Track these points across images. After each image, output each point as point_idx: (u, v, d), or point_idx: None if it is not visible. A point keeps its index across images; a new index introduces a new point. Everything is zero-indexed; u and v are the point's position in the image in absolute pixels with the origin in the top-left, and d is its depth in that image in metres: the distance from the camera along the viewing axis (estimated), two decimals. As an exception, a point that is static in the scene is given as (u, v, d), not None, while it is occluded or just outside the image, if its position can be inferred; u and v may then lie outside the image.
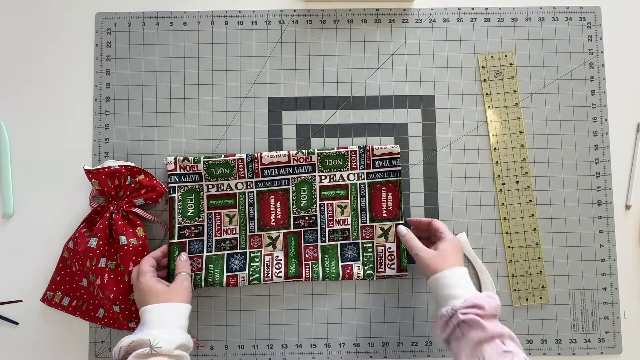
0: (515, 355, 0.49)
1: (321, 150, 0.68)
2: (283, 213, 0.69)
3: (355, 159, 0.68)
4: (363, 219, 0.69)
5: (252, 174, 0.68)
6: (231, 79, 0.71)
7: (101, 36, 0.71)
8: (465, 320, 0.52)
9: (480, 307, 0.53)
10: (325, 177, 0.69)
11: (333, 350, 0.68)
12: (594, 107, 0.71)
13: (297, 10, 0.72)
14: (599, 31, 0.72)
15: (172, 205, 0.67)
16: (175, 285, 0.60)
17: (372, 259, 0.68)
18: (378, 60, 0.72)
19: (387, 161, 0.68)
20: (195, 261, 0.67)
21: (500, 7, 0.73)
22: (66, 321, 0.67)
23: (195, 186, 0.68)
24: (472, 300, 0.54)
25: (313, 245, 0.69)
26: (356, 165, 0.68)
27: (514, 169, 0.70)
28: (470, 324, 0.52)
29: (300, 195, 0.69)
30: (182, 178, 0.68)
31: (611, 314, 0.69)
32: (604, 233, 0.70)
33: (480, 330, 0.51)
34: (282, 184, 0.69)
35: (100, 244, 0.63)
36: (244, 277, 0.66)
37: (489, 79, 0.72)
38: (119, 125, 0.70)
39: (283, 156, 0.68)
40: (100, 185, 0.64)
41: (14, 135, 0.70)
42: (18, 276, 0.68)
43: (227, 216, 0.68)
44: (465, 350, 0.51)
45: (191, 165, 0.67)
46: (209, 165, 0.67)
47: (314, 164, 0.68)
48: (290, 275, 0.67)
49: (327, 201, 0.69)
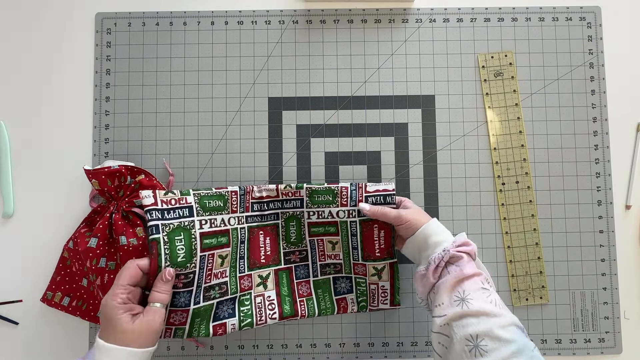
0: (492, 293, 0.53)
1: (310, 186, 0.63)
2: (273, 249, 0.65)
3: (347, 195, 0.63)
4: (355, 257, 0.64)
5: (243, 208, 0.63)
6: (231, 79, 0.71)
7: (101, 36, 0.71)
8: (454, 256, 0.55)
9: (468, 245, 0.57)
10: (313, 213, 0.64)
11: (333, 350, 0.68)
12: (594, 107, 0.71)
13: (297, 10, 0.73)
14: (599, 31, 0.72)
15: (157, 249, 0.55)
16: (141, 323, 0.52)
17: (365, 293, 0.65)
18: (378, 60, 0.72)
19: (381, 197, 0.62)
20: (179, 315, 0.58)
21: (500, 7, 0.73)
22: (66, 321, 0.67)
23: (184, 223, 0.57)
24: (462, 239, 0.57)
25: (305, 281, 0.66)
26: (347, 202, 0.63)
27: (514, 169, 0.70)
28: (455, 262, 0.55)
29: (290, 231, 0.65)
30: (166, 214, 0.57)
31: (611, 314, 0.69)
32: (604, 233, 0.70)
33: (463, 267, 0.54)
34: (271, 219, 0.65)
35: (100, 244, 0.63)
36: (234, 324, 0.61)
37: (489, 79, 0.72)
38: (119, 125, 0.70)
39: (272, 190, 0.64)
40: (100, 185, 0.64)
41: (14, 135, 0.70)
42: (18, 276, 0.68)
43: (220, 257, 0.60)
44: (447, 287, 0.54)
45: (177, 198, 0.58)
46: (200, 197, 0.59)
47: (302, 199, 0.64)
48: (286, 315, 0.64)
49: (316, 237, 0.65)
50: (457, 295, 0.52)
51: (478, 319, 0.49)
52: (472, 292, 0.52)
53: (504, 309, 0.51)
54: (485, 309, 0.50)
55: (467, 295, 0.52)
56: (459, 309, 0.51)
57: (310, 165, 0.70)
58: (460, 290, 0.53)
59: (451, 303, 0.52)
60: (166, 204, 0.57)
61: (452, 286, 0.53)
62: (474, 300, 0.51)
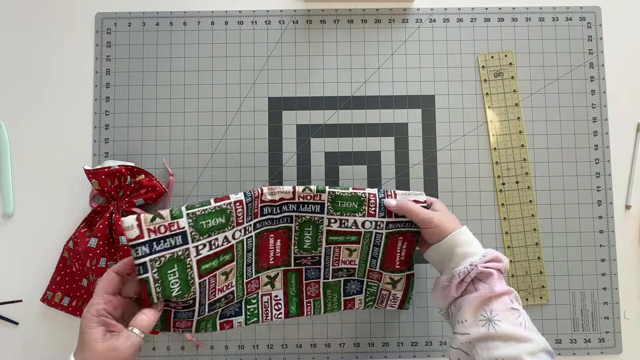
0: (521, 314, 0.49)
1: (333, 190, 0.56)
2: (283, 252, 0.59)
3: (375, 203, 0.56)
4: (372, 265, 0.60)
5: (252, 215, 0.55)
6: (231, 79, 0.71)
7: (101, 36, 0.71)
8: (483, 272, 0.51)
9: (498, 260, 0.52)
10: (335, 221, 0.57)
11: (333, 350, 0.68)
12: (594, 107, 0.71)
13: (297, 10, 0.73)
14: (599, 31, 0.72)
15: (147, 289, 0.47)
16: (107, 347, 0.44)
17: (375, 294, 0.63)
18: (378, 60, 0.72)
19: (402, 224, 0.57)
20: (184, 323, 0.54)
21: (500, 7, 0.73)
22: (66, 321, 0.67)
23: (177, 253, 0.48)
24: (492, 254, 0.52)
25: (315, 282, 0.62)
26: (375, 211, 0.57)
27: (514, 169, 0.70)
28: (484, 279, 0.51)
29: (304, 236, 0.59)
30: (155, 246, 0.47)
31: (611, 314, 0.69)
32: (604, 233, 0.70)
33: (493, 285, 0.50)
34: (284, 222, 0.58)
35: (100, 244, 0.63)
36: (240, 321, 0.58)
37: (489, 79, 0.72)
38: (119, 125, 0.70)
39: (287, 192, 0.56)
40: (100, 185, 0.64)
41: (14, 135, 0.70)
42: (18, 276, 0.68)
43: (224, 274, 0.54)
44: (472, 305, 0.50)
45: (167, 224, 0.48)
46: (196, 218, 0.49)
47: (323, 204, 0.57)
48: (292, 314, 0.61)
49: (334, 245, 0.59)
50: (484, 315, 0.49)
51: (505, 343, 0.46)
52: (500, 313, 0.48)
53: (533, 331, 0.48)
54: (514, 332, 0.47)
55: (494, 315, 0.48)
56: (485, 330, 0.48)
57: (310, 165, 0.70)
58: (488, 310, 0.49)
59: (476, 322, 0.49)
60: (154, 233, 0.47)
61: (478, 305, 0.50)
62: (502, 322, 0.48)
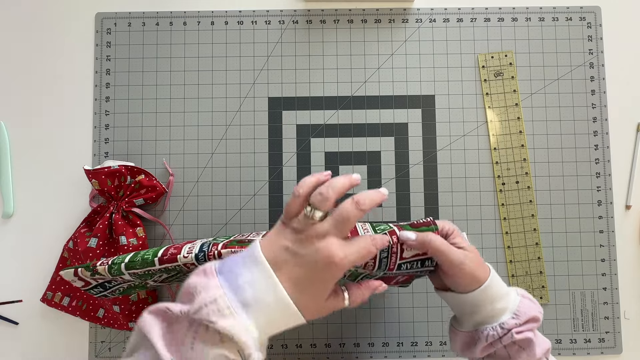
0: None
1: None
2: None
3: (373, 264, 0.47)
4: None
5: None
6: (231, 79, 0.71)
7: (101, 36, 0.71)
8: (520, 339, 0.44)
9: (536, 321, 0.45)
10: None
11: (333, 350, 0.68)
12: (594, 107, 0.71)
13: (297, 10, 0.72)
14: (599, 31, 0.72)
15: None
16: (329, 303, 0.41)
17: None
18: (378, 60, 0.72)
19: (418, 263, 0.48)
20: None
21: (500, 7, 0.73)
22: (66, 321, 0.67)
23: (134, 283, 0.49)
24: (527, 314, 0.45)
25: None
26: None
27: (514, 169, 0.70)
28: (523, 345, 0.44)
29: None
30: (108, 285, 0.49)
31: (611, 314, 0.69)
32: (604, 233, 0.70)
33: (532, 351, 0.44)
34: None
35: (100, 244, 0.63)
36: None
37: (489, 79, 0.72)
38: (119, 125, 0.70)
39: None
40: (100, 185, 0.64)
41: (14, 135, 0.70)
42: (18, 276, 0.68)
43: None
44: None
45: (110, 278, 0.48)
46: (141, 274, 0.47)
47: None
48: None
49: None
50: None
51: None
52: None
53: None
54: None
55: None
56: None
57: (310, 165, 0.70)
58: None
59: None
60: (101, 279, 0.47)
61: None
62: None
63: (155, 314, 0.37)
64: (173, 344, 0.35)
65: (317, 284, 0.39)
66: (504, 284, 0.48)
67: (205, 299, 0.35)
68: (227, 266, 0.38)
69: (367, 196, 0.41)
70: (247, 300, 0.36)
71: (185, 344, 0.35)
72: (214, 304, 0.35)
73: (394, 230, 0.47)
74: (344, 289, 0.42)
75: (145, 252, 0.47)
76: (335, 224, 0.39)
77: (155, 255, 0.46)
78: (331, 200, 0.39)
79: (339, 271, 0.38)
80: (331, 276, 0.39)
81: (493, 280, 0.46)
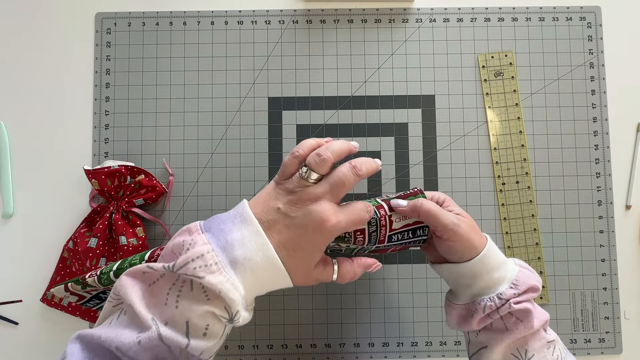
0: (557, 343, 0.44)
1: None
2: None
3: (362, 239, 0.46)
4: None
5: None
6: (231, 79, 0.71)
7: (101, 36, 0.71)
8: (518, 310, 0.42)
9: (535, 290, 0.44)
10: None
11: (333, 351, 0.68)
12: (594, 107, 0.71)
13: (297, 10, 0.72)
14: (599, 31, 0.72)
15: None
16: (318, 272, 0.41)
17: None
18: (378, 60, 0.72)
19: (409, 232, 0.47)
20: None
21: (500, 7, 0.73)
22: (66, 321, 0.67)
23: None
24: (526, 283, 0.43)
25: None
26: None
27: (514, 169, 0.70)
28: (520, 317, 0.43)
29: None
30: (102, 295, 0.49)
31: (611, 314, 0.69)
32: (604, 233, 0.70)
33: (530, 322, 0.43)
34: None
35: (100, 244, 0.63)
36: None
37: (489, 79, 0.72)
38: (119, 125, 0.70)
39: None
40: (100, 185, 0.64)
41: (14, 135, 0.70)
42: (18, 276, 0.68)
43: None
44: (503, 344, 0.43)
45: (101, 289, 0.47)
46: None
47: None
48: None
49: None
50: (516, 355, 0.43)
51: None
52: (537, 353, 0.43)
53: (568, 356, 0.44)
54: None
55: (529, 356, 0.42)
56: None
57: (310, 165, 0.70)
58: (522, 350, 0.43)
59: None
60: (94, 291, 0.47)
61: (511, 344, 0.43)
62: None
63: (134, 275, 0.35)
64: (153, 303, 0.34)
65: (307, 247, 0.38)
66: (501, 253, 0.46)
67: (192, 254, 0.34)
68: (215, 224, 0.37)
69: (365, 162, 0.41)
70: (236, 258, 0.35)
71: (169, 303, 0.33)
72: (201, 260, 0.34)
73: (381, 205, 0.47)
74: (335, 261, 0.41)
75: (132, 258, 0.47)
76: (331, 187, 0.39)
77: (142, 259, 0.45)
78: (328, 162, 0.39)
79: (330, 235, 0.38)
80: (321, 240, 0.38)
81: (490, 249, 0.45)
